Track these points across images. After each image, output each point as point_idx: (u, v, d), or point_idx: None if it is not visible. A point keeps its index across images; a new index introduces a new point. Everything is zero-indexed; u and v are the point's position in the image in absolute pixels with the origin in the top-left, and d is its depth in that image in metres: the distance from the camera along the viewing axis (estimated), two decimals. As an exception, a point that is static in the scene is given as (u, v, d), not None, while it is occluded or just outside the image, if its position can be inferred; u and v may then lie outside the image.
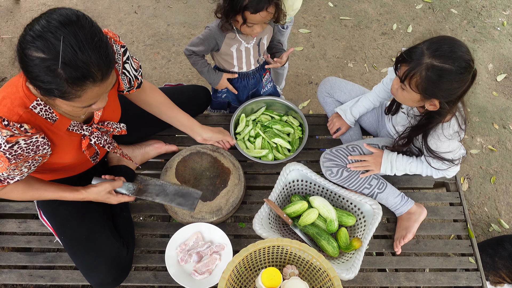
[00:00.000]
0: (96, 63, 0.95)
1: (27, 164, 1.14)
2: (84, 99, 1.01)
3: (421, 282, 1.54)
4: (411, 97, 1.32)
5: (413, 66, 1.23)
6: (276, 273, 1.25)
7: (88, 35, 0.94)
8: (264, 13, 1.47)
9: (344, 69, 2.82)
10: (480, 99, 2.70)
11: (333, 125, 1.81)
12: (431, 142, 1.41)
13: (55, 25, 0.91)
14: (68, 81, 0.94)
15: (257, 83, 1.91)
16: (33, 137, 1.08)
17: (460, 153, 1.44)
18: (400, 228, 1.60)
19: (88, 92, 0.99)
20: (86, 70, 0.94)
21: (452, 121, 1.35)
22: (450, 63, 1.19)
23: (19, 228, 1.60)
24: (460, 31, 3.06)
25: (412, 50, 1.26)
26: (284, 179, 1.58)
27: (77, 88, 0.96)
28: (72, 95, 0.98)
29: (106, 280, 1.39)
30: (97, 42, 0.95)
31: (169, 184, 1.55)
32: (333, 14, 3.12)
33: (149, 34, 2.92)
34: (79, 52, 0.92)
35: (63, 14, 0.94)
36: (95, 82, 0.98)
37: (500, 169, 2.43)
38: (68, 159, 1.29)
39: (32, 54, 0.91)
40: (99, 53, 0.95)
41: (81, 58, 0.92)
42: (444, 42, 1.22)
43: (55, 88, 0.95)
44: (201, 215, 1.57)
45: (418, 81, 1.24)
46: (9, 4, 3.02)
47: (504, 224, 2.23)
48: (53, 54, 0.91)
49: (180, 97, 1.81)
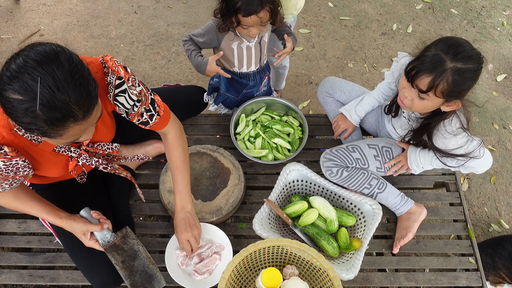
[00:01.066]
0: (75, 102, 0.91)
1: (7, 182, 1.14)
2: (67, 136, 0.98)
3: (421, 282, 1.54)
4: (432, 105, 1.30)
5: (438, 74, 1.20)
6: (276, 273, 1.25)
7: (68, 74, 0.90)
8: (255, 17, 1.48)
9: (344, 69, 2.82)
10: (480, 99, 2.70)
11: (338, 127, 1.79)
12: (438, 142, 1.40)
13: (32, 65, 0.88)
14: (47, 122, 0.90)
15: (255, 85, 1.87)
16: (12, 160, 1.06)
17: (473, 145, 1.38)
18: (400, 228, 1.60)
19: (70, 130, 0.96)
20: (65, 111, 0.90)
21: (453, 118, 1.35)
22: (471, 62, 1.20)
23: (19, 228, 1.60)
24: (460, 31, 3.06)
25: (427, 60, 1.23)
26: (284, 179, 1.58)
27: (57, 129, 0.93)
28: (53, 134, 0.95)
29: (107, 280, 1.39)
30: (77, 80, 0.91)
31: (144, 257, 1.39)
32: (333, 14, 3.12)
33: (149, 34, 2.92)
34: (57, 93, 0.88)
35: (41, 52, 0.90)
36: (76, 121, 0.94)
37: (500, 169, 2.43)
38: (54, 174, 1.28)
39: (10, 96, 0.88)
40: (79, 91, 0.91)
41: (60, 99, 0.89)
42: (454, 42, 1.22)
43: (35, 129, 0.92)
44: (201, 215, 1.57)
45: (445, 87, 1.22)
46: (9, 4, 3.02)
47: (504, 224, 2.23)
48: (30, 96, 0.87)
49: (178, 97, 1.81)
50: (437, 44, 1.24)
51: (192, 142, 1.84)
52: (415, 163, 1.56)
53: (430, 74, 1.22)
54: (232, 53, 1.70)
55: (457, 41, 1.23)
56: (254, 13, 1.46)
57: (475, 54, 1.22)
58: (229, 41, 1.66)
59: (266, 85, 1.97)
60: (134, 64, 2.76)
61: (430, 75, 1.22)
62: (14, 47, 0.97)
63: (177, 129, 1.44)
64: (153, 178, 1.73)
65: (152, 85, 2.67)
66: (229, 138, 1.82)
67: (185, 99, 1.83)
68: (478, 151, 1.38)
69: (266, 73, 1.91)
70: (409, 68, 1.28)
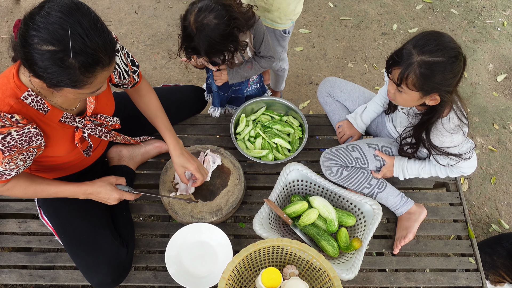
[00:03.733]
0: (103, 48, 0.97)
1: (21, 157, 1.13)
2: (94, 84, 1.03)
3: (421, 282, 1.54)
4: (411, 98, 1.32)
5: (405, 67, 1.24)
6: (276, 273, 1.25)
7: (91, 22, 0.95)
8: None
9: (344, 69, 2.82)
10: (480, 99, 2.69)
11: (344, 134, 1.80)
12: (434, 138, 1.40)
13: (58, 15, 0.91)
14: (81, 69, 0.95)
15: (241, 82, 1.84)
16: (25, 128, 1.07)
17: (467, 147, 1.41)
18: (400, 228, 1.60)
19: (98, 77, 1.01)
20: (96, 57, 0.96)
21: (451, 114, 1.35)
22: (440, 55, 1.20)
23: (19, 228, 1.60)
24: (460, 32, 3.06)
25: (399, 52, 1.26)
26: (284, 179, 1.58)
27: (88, 75, 0.98)
28: (83, 83, 0.99)
29: (105, 280, 1.39)
30: (100, 27, 0.97)
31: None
32: (333, 14, 3.12)
33: (149, 34, 2.92)
34: (87, 40, 0.93)
35: (62, 3, 0.94)
36: (104, 66, 1.00)
37: (500, 170, 2.43)
38: (62, 151, 1.28)
39: (41, 48, 0.91)
40: (103, 37, 0.97)
41: (90, 45, 0.94)
42: (428, 36, 1.23)
43: (67, 78, 0.96)
44: (201, 215, 1.57)
45: (414, 80, 1.24)
46: (9, 4, 3.02)
47: (504, 225, 2.22)
48: (63, 45, 0.91)
49: (178, 97, 1.81)
50: (413, 38, 1.26)
51: (192, 142, 1.84)
52: (400, 171, 1.59)
53: (399, 67, 1.25)
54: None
55: (432, 35, 1.23)
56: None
57: (447, 47, 1.21)
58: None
59: (257, 82, 1.95)
60: (134, 64, 2.76)
61: (399, 67, 1.25)
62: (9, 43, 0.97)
63: (143, 78, 1.52)
64: (153, 178, 1.73)
65: (152, 85, 2.67)
66: (229, 138, 1.82)
67: (185, 99, 1.83)
68: (469, 153, 1.41)
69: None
70: (386, 60, 1.32)
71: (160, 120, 1.53)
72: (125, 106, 1.63)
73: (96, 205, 1.48)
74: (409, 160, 1.59)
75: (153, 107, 1.53)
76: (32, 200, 1.64)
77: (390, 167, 1.61)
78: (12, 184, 1.23)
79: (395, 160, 1.60)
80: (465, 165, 1.46)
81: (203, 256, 1.53)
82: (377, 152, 1.61)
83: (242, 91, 1.91)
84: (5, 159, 1.09)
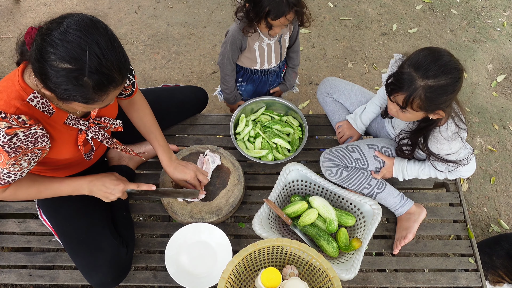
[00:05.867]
0: (118, 68, 0.99)
1: (26, 158, 1.13)
2: (106, 101, 1.05)
3: (421, 283, 1.54)
4: (415, 117, 1.34)
5: (410, 93, 1.23)
6: (276, 273, 1.25)
7: (109, 42, 0.96)
8: (283, 19, 1.54)
9: (344, 69, 2.82)
10: (480, 100, 2.70)
11: (343, 134, 1.80)
12: (432, 145, 1.41)
13: (77, 34, 0.93)
14: (95, 88, 0.97)
15: (276, 78, 1.98)
16: (31, 129, 1.08)
17: (465, 152, 1.42)
18: (400, 228, 1.60)
19: (109, 95, 1.03)
20: (110, 77, 0.98)
21: (448, 122, 1.35)
22: (444, 78, 1.20)
23: (19, 228, 1.60)
24: (460, 32, 3.06)
25: (400, 77, 1.25)
26: (284, 179, 1.58)
27: (101, 94, 1.00)
28: (95, 100, 1.01)
29: (105, 279, 1.39)
30: (117, 47, 0.99)
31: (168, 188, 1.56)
32: (333, 14, 3.12)
33: (149, 34, 2.92)
34: (103, 60, 0.95)
35: (81, 21, 0.95)
36: (116, 86, 1.02)
37: (500, 170, 2.43)
38: (65, 154, 1.28)
39: (58, 65, 0.92)
40: (119, 57, 0.99)
41: (106, 66, 0.95)
42: (428, 58, 1.21)
43: (80, 96, 0.98)
44: (201, 215, 1.57)
45: (420, 103, 1.24)
46: (9, 4, 3.02)
47: (504, 225, 2.23)
48: (79, 64, 0.92)
49: (178, 97, 1.81)
50: (412, 58, 1.24)
51: (192, 142, 1.84)
52: (399, 172, 1.60)
53: (403, 92, 1.25)
54: (255, 52, 1.77)
55: (431, 55, 1.22)
56: (282, 15, 1.52)
57: (449, 67, 1.20)
58: (252, 41, 1.72)
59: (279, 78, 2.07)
60: (134, 64, 2.76)
61: (403, 93, 1.25)
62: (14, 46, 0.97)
63: (138, 90, 1.51)
64: (153, 178, 1.73)
65: (152, 84, 2.67)
66: (229, 138, 1.82)
67: (185, 99, 1.83)
68: (467, 159, 1.42)
69: (285, 65, 2.00)
70: (386, 84, 1.31)
71: (154, 136, 1.52)
72: None
73: (96, 205, 1.48)
74: (408, 161, 1.59)
75: (147, 123, 1.52)
76: (31, 200, 1.64)
77: (389, 168, 1.61)
78: (15, 187, 1.23)
79: (395, 161, 1.60)
80: (464, 169, 1.47)
81: (203, 256, 1.53)
82: (377, 153, 1.61)
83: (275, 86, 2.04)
84: (10, 161, 1.09)
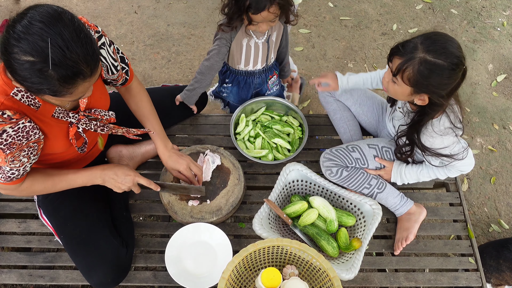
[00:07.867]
0: (84, 60, 0.96)
1: (24, 153, 1.12)
2: (75, 94, 1.03)
3: (421, 283, 1.54)
4: (401, 91, 1.33)
5: (406, 59, 1.24)
6: (276, 273, 1.25)
7: (74, 33, 0.94)
8: (265, 13, 1.48)
9: (344, 69, 2.82)
10: (480, 100, 2.69)
11: (323, 76, 1.73)
12: (424, 139, 1.41)
13: (39, 26, 0.90)
14: (60, 81, 0.95)
15: (262, 83, 1.90)
16: (19, 123, 1.06)
17: (459, 147, 1.42)
18: (401, 229, 1.60)
19: (79, 88, 1.01)
20: (76, 69, 0.95)
21: (442, 117, 1.35)
22: (442, 59, 1.21)
23: (19, 228, 1.60)
24: (460, 32, 3.06)
25: (406, 43, 1.27)
26: (284, 179, 1.58)
27: (68, 87, 0.98)
28: (64, 93, 0.99)
29: (105, 280, 1.39)
30: (83, 38, 0.96)
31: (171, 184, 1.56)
32: (333, 14, 3.12)
33: (149, 34, 2.92)
34: (67, 52, 0.92)
35: (44, 13, 0.93)
36: (85, 78, 0.99)
37: (500, 170, 2.43)
38: (59, 148, 1.27)
39: (21, 58, 0.91)
40: (86, 49, 0.96)
41: (70, 58, 0.93)
42: (438, 37, 1.24)
43: (47, 88, 0.96)
44: (201, 215, 1.57)
45: (410, 74, 1.25)
46: (9, 4, 3.02)
47: (504, 225, 2.22)
48: (42, 57, 0.90)
49: None
50: (423, 34, 1.26)
51: (192, 142, 1.84)
52: (399, 178, 1.60)
53: (401, 57, 1.26)
54: (240, 50, 1.72)
55: (442, 36, 1.24)
56: (264, 9, 1.47)
57: (452, 53, 1.21)
58: (240, 38, 1.68)
59: (277, 84, 1.98)
60: (134, 64, 2.76)
61: (401, 58, 1.26)
62: None
63: (135, 77, 1.49)
64: (153, 178, 1.71)
65: (152, 84, 2.67)
66: (229, 138, 1.82)
67: None
68: (462, 154, 1.42)
69: (274, 72, 1.92)
70: (392, 47, 1.32)
71: (150, 123, 1.52)
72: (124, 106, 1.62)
73: (96, 205, 1.48)
74: (406, 165, 1.59)
75: (144, 109, 1.52)
76: (32, 200, 1.64)
77: (388, 171, 1.61)
78: (29, 182, 1.25)
79: (394, 165, 1.60)
80: (462, 163, 1.46)
81: (203, 256, 1.53)
82: (377, 160, 1.61)
83: (263, 92, 1.96)
84: (7, 158, 1.09)
